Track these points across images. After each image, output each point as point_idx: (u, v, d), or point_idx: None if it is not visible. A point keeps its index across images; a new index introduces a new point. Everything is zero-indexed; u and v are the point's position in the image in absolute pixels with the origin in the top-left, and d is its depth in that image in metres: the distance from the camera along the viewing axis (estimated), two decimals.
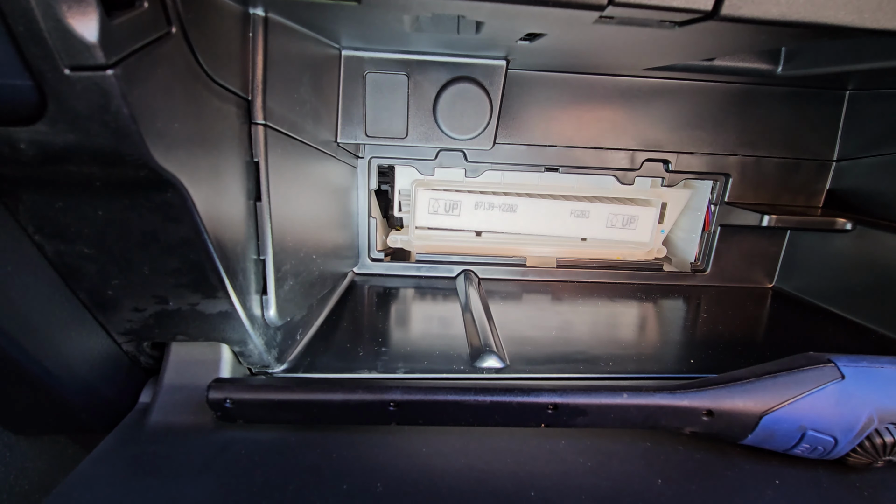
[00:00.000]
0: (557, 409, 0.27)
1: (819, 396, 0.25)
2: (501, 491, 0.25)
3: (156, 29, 0.20)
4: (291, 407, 0.27)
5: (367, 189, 0.50)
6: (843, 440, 0.25)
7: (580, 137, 0.50)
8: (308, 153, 0.37)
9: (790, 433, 0.26)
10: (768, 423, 0.25)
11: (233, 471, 0.26)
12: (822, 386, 0.25)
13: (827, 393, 0.25)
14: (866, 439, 0.25)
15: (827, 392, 0.25)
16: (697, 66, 0.43)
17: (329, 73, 0.40)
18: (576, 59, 0.42)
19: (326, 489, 0.25)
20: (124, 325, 0.30)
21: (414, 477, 0.26)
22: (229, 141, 0.27)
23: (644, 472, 0.26)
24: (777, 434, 0.26)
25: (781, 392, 0.25)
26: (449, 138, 0.44)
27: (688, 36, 0.28)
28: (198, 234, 0.24)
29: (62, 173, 0.21)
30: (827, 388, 0.25)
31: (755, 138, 0.52)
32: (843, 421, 0.25)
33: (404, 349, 0.37)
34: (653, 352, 0.39)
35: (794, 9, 0.24)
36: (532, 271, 0.54)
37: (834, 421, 0.25)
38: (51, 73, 0.17)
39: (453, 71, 0.42)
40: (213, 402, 0.27)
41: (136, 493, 0.24)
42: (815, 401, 0.25)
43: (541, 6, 0.24)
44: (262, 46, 0.29)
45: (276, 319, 0.32)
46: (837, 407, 0.25)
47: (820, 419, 0.25)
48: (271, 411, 0.28)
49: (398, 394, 0.27)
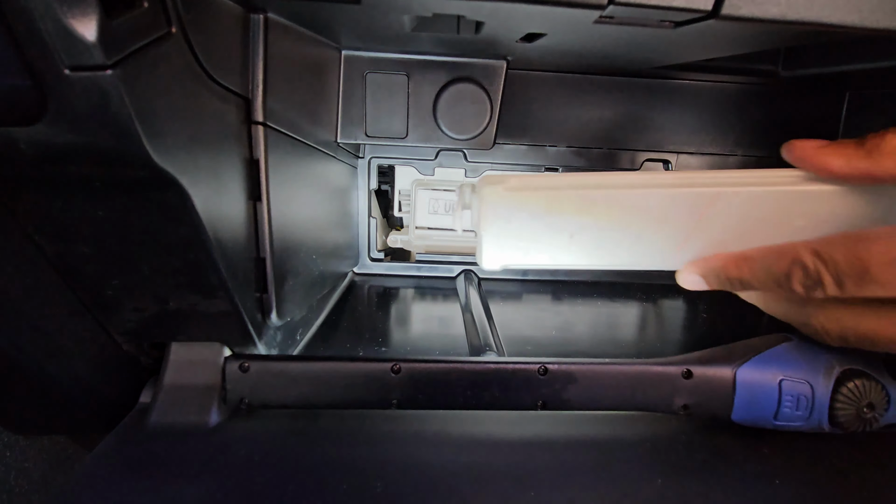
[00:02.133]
0: (548, 374, 0.29)
1: (783, 348, 0.29)
2: (502, 491, 0.25)
3: (156, 29, 0.20)
4: (301, 380, 0.30)
5: (367, 189, 0.50)
6: (818, 387, 0.27)
7: (580, 137, 0.50)
8: (308, 153, 0.37)
9: (769, 388, 0.28)
10: (745, 378, 0.28)
11: (233, 471, 0.26)
12: (783, 343, 0.29)
13: (791, 346, 0.29)
14: (842, 387, 0.27)
15: (789, 346, 0.29)
16: (697, 65, 0.43)
17: (329, 73, 0.40)
18: (576, 59, 0.42)
19: (326, 489, 0.25)
20: (124, 325, 0.30)
21: (414, 477, 0.26)
22: (229, 141, 0.27)
23: (644, 471, 0.26)
24: (758, 394, 0.28)
25: (750, 349, 0.29)
26: (449, 138, 0.44)
27: (688, 36, 0.28)
28: (198, 234, 0.25)
29: (62, 173, 0.21)
30: (791, 342, 0.29)
31: (755, 138, 0.52)
32: (810, 366, 0.28)
33: (404, 349, 0.37)
34: (653, 352, 0.39)
35: (794, 9, 0.24)
36: (532, 271, 0.54)
37: (802, 366, 0.28)
38: (51, 73, 0.17)
39: (453, 71, 0.42)
40: (230, 371, 0.29)
41: (136, 493, 0.24)
42: (780, 351, 0.29)
43: (541, 6, 0.24)
44: (262, 46, 0.29)
45: (276, 319, 0.32)
46: (800, 354, 0.28)
47: (789, 365, 0.28)
48: (285, 384, 0.30)
49: (401, 363, 0.29)
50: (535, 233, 0.30)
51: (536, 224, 0.30)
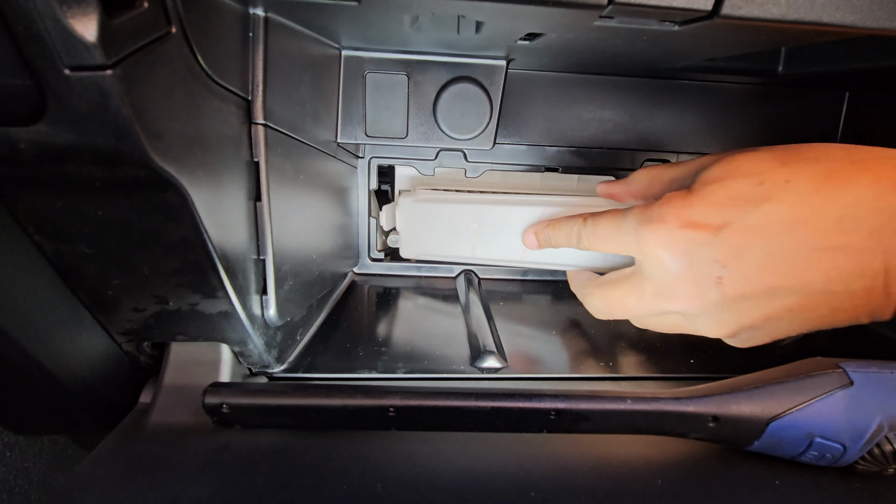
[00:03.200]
0: (560, 415, 0.26)
1: (827, 403, 0.24)
2: (502, 490, 0.25)
3: (156, 29, 0.20)
4: (288, 412, 0.27)
5: (367, 189, 0.50)
6: (852, 448, 0.24)
7: (580, 137, 0.50)
8: (308, 153, 0.37)
9: (798, 440, 0.25)
10: (775, 430, 0.25)
11: (233, 471, 0.26)
12: (830, 392, 0.24)
13: (835, 399, 0.24)
14: (876, 447, 0.24)
15: (835, 398, 0.24)
16: (697, 65, 0.43)
17: (329, 73, 0.40)
18: (576, 59, 0.42)
19: (326, 489, 0.25)
20: (124, 325, 0.30)
21: (414, 477, 0.26)
22: (229, 141, 0.27)
23: (644, 472, 0.26)
24: (784, 441, 0.25)
25: (789, 398, 0.25)
26: (449, 138, 0.44)
27: (688, 36, 0.28)
28: (198, 234, 0.25)
29: (62, 173, 0.21)
30: (835, 395, 0.24)
31: (755, 138, 0.52)
32: (852, 428, 0.24)
33: (404, 349, 0.37)
34: (653, 352, 0.39)
35: (794, 9, 0.24)
36: (532, 271, 0.54)
37: (843, 428, 0.24)
38: (51, 73, 0.17)
39: (453, 71, 0.42)
40: (210, 407, 0.27)
41: (136, 493, 0.24)
42: (824, 407, 0.24)
43: (541, 6, 0.24)
44: (262, 46, 0.29)
45: (276, 319, 0.32)
46: (846, 414, 0.24)
47: (828, 426, 0.24)
48: (268, 416, 0.28)
49: (397, 399, 0.26)
50: (442, 233, 0.45)
51: (442, 227, 0.45)
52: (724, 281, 0.26)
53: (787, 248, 0.25)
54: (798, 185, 0.25)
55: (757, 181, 0.26)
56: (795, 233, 0.25)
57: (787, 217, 0.25)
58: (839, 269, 0.24)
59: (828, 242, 0.24)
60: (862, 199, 0.23)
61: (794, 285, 0.25)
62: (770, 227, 0.25)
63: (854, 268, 0.24)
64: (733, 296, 0.26)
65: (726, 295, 0.27)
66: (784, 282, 0.25)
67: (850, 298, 0.24)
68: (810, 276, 0.25)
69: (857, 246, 0.23)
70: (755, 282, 0.26)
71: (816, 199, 0.24)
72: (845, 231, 0.24)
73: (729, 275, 0.26)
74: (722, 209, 0.26)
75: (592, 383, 0.35)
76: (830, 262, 0.24)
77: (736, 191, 0.26)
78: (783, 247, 0.25)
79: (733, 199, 0.26)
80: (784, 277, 0.25)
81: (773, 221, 0.25)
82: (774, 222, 0.25)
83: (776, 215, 0.25)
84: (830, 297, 0.25)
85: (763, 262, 0.25)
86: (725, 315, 0.27)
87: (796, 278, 0.25)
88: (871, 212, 0.23)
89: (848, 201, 0.24)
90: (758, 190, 0.26)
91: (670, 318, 0.30)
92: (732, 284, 0.26)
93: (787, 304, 0.26)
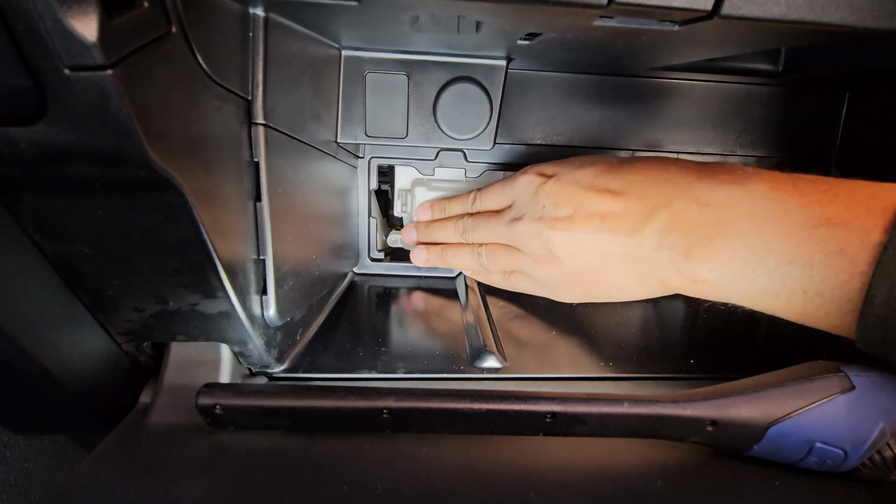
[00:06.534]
0: (556, 418, 0.26)
1: (828, 407, 0.24)
2: (502, 490, 0.25)
3: (156, 29, 0.20)
4: (282, 414, 0.27)
5: (367, 189, 0.50)
6: (853, 454, 0.24)
7: (580, 137, 0.50)
8: (308, 153, 0.37)
9: (798, 446, 0.24)
10: (775, 435, 0.24)
11: (233, 471, 0.26)
12: (831, 397, 0.24)
13: (837, 404, 0.24)
14: (877, 453, 0.24)
15: (837, 403, 0.24)
16: (697, 65, 0.43)
17: (329, 73, 0.40)
18: (576, 58, 0.42)
19: (326, 489, 0.25)
20: (124, 325, 0.30)
21: (414, 477, 0.26)
22: (229, 141, 0.27)
23: (644, 473, 0.26)
24: (784, 447, 0.25)
25: (789, 402, 0.24)
26: (449, 138, 0.44)
27: (688, 36, 0.28)
28: (198, 234, 0.24)
29: (62, 173, 0.21)
30: (837, 399, 0.24)
31: (755, 138, 0.52)
32: (854, 434, 0.24)
33: (404, 349, 0.37)
34: (653, 352, 0.39)
35: (794, 9, 0.24)
36: None
37: (844, 434, 0.24)
38: (51, 73, 0.17)
39: (453, 71, 0.42)
40: (203, 408, 0.27)
41: (136, 493, 0.24)
42: (825, 412, 0.24)
43: (541, 5, 0.24)
44: (262, 46, 0.29)
45: (276, 319, 0.32)
46: (848, 419, 0.24)
47: (829, 431, 0.24)
48: (262, 418, 0.27)
49: (391, 400, 0.26)
50: None
51: None
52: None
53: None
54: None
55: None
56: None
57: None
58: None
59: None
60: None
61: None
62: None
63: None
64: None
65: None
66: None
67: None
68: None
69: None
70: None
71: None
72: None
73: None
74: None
75: (592, 383, 0.35)
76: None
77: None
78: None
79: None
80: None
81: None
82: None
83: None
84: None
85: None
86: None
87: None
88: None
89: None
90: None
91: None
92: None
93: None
